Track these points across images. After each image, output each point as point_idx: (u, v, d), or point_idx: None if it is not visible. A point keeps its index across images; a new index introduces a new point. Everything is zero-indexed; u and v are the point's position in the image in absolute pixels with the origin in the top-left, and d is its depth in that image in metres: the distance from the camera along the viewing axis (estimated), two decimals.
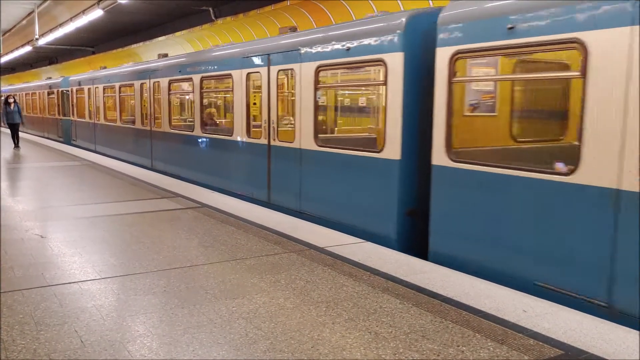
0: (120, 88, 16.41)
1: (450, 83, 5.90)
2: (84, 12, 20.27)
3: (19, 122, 19.59)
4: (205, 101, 11.57)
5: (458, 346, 3.79)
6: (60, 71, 36.50)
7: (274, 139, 9.03)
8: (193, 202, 9.21)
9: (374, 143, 7.14)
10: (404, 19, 6.62)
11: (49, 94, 25.74)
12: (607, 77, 4.53)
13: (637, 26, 4.24)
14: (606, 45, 4.51)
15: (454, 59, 5.86)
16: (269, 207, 9.07)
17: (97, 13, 19.15)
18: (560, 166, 4.91)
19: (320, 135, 8.11)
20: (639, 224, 4.33)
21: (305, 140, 8.23)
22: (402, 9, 11.56)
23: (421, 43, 6.57)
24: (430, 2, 11.48)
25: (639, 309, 4.36)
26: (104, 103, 18.10)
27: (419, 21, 6.63)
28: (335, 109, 9.48)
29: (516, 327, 4.11)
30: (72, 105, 21.97)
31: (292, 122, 8.64)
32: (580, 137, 4.67)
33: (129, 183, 11.38)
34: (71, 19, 21.97)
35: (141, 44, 23.63)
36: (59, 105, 24.10)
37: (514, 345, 3.81)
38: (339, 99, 9.47)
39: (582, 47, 4.64)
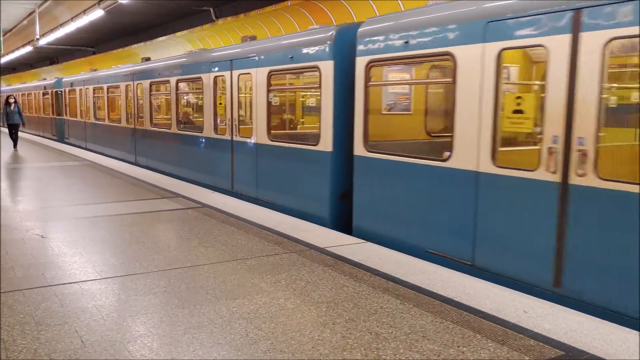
0: (108, 89, 17.57)
1: (366, 87, 7.08)
2: (84, 12, 20.26)
3: (19, 122, 19.42)
4: (180, 101, 12.86)
5: (458, 347, 3.79)
6: (61, 71, 36.49)
7: (236, 135, 10.11)
8: (193, 202, 9.21)
9: (314, 137, 8.09)
10: (333, 32, 7.73)
11: (43, 94, 26.65)
12: (468, 83, 5.71)
13: (487, 43, 5.50)
14: (467, 57, 5.72)
15: (369, 67, 7.04)
16: (232, 195, 10.16)
17: (97, 13, 19.14)
18: (447, 155, 6.03)
19: (272, 131, 9.23)
20: (493, 199, 5.50)
21: (260, 135, 9.35)
22: (402, 9, 11.57)
23: (348, 53, 7.61)
24: (431, 1, 11.46)
25: (495, 265, 5.51)
26: (94, 103, 19.21)
27: (346, 34, 7.69)
28: (285, 108, 10.85)
29: (517, 328, 4.11)
30: (65, 105, 23.02)
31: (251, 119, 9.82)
32: (453, 132, 5.91)
33: (129, 183, 11.39)
34: (72, 19, 21.96)
35: (142, 44, 23.62)
36: (53, 105, 25.00)
37: (515, 345, 3.81)
38: (288, 99, 10.88)
39: (452, 58, 5.86)
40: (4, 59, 39.28)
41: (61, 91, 23.71)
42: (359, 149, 7.20)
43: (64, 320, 4.19)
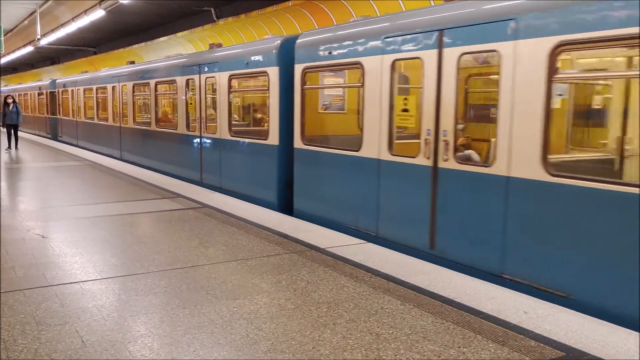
0: (97, 90, 18.85)
1: (302, 90, 8.34)
2: (85, 12, 20.27)
3: (17, 123, 19.31)
4: (159, 102, 14.19)
5: (459, 347, 3.79)
6: (62, 71, 36.50)
7: (204, 132, 11.36)
8: (194, 202, 9.22)
9: (265, 133, 9.35)
10: (279, 42, 9.06)
11: (39, 94, 27.63)
12: (372, 87, 6.97)
13: (385, 55, 6.74)
14: (371, 66, 6.98)
15: (304, 72, 8.30)
16: (201, 185, 11.33)
17: (98, 13, 19.14)
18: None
19: (233, 128, 10.49)
20: (389, 181, 6.77)
21: (222, 131, 10.62)
22: (403, 9, 11.58)
23: (290, 60, 8.75)
24: (432, 1, 11.48)
25: (391, 234, 6.73)
26: (85, 103, 20.43)
27: (289, 44, 8.89)
28: (244, 107, 12.52)
29: (517, 329, 4.11)
30: (59, 105, 24.26)
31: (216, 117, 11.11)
32: (362, 128, 7.17)
33: (130, 183, 11.39)
34: (73, 19, 21.97)
35: (143, 44, 23.63)
36: (47, 104, 25.98)
37: (515, 346, 3.81)
38: (247, 100, 12.43)
39: (361, 67, 7.13)
40: (5, 59, 39.30)
41: (55, 92, 24.77)
42: (297, 143, 8.50)
43: (65, 320, 4.19)
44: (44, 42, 25.96)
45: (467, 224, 5.79)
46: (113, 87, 16.88)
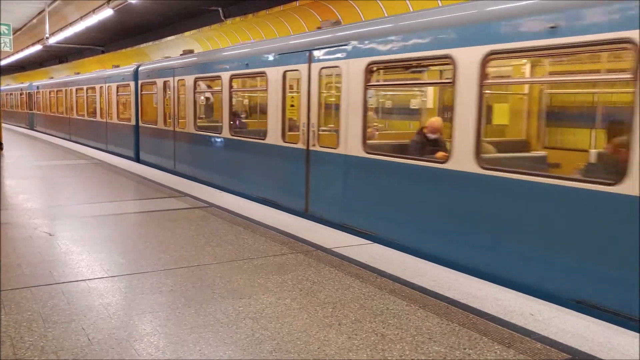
0: (57, 92, 25.42)
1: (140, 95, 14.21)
2: (94, 11, 20.36)
3: None
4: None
5: (465, 349, 3.78)
6: (70, 70, 36.67)
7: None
8: (201, 201, 9.23)
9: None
10: (135, 67, 15.71)
11: (21, 94, 35.61)
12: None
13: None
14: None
15: (140, 86, 14.68)
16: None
17: (107, 12, 19.23)
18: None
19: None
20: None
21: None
22: (411, 9, 11.57)
23: (140, 78, 15.05)
24: (439, 2, 11.47)
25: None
26: (51, 102, 26.96)
27: (140, 68, 15.22)
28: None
29: (523, 331, 4.09)
30: (34, 102, 31.47)
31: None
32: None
33: (136, 182, 11.43)
34: (81, 18, 22.07)
35: (150, 43, 23.70)
36: (27, 102, 33.63)
37: (521, 348, 3.79)
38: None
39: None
40: (14, 58, 39.48)
41: (31, 92, 32.18)
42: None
43: (71, 317, 4.21)
44: (52, 40, 26.07)
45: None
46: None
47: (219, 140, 11.18)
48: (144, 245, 6.38)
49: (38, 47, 30.60)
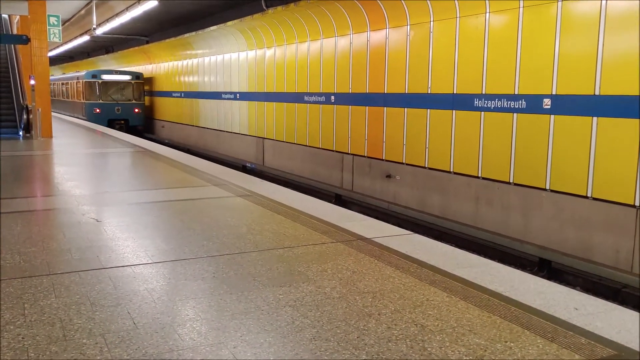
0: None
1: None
2: (139, 2, 20.71)
3: None
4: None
5: (506, 342, 3.73)
6: (116, 60, 37.53)
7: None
8: (242, 189, 9.34)
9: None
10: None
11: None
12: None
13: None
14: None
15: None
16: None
17: (152, 3, 19.54)
18: None
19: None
20: None
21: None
22: (430, 8, 11.40)
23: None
24: (456, 2, 11.34)
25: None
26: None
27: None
28: None
29: (567, 325, 4.01)
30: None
31: None
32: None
33: (179, 169, 11.63)
34: (127, 8, 22.49)
35: (193, 33, 23.99)
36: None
37: (565, 343, 3.72)
38: None
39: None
40: (63, 48, 40.66)
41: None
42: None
43: (117, 302, 4.34)
44: (99, 31, 26.69)
45: None
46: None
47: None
48: (187, 232, 6.51)
49: (86, 38, 31.39)
